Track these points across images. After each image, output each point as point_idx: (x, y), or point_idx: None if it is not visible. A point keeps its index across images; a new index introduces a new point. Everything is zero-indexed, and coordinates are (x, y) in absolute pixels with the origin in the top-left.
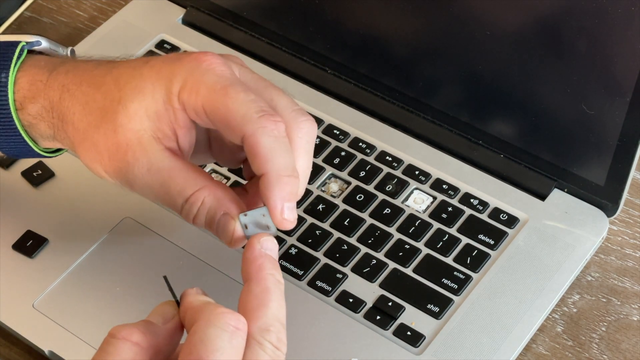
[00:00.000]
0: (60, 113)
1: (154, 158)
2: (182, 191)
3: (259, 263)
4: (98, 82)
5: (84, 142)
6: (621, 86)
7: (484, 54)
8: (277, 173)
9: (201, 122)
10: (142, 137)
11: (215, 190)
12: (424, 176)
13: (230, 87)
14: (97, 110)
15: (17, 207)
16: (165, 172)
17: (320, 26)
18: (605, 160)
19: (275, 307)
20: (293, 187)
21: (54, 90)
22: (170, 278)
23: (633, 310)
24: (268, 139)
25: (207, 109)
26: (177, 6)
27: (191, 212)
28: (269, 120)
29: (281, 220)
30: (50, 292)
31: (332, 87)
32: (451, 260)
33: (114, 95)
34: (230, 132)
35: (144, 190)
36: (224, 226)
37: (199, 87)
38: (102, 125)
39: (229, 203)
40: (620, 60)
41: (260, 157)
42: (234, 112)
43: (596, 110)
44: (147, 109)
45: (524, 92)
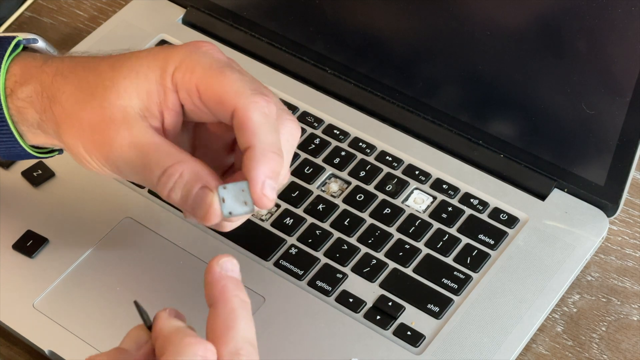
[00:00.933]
0: (51, 94)
1: (137, 132)
2: (161, 163)
3: (221, 285)
4: (93, 67)
5: (68, 120)
6: (621, 86)
7: (484, 54)
8: (263, 148)
9: (191, 104)
10: (128, 113)
11: (194, 164)
12: (424, 176)
13: (226, 68)
14: (87, 89)
15: (17, 207)
16: (146, 145)
17: (320, 26)
18: (605, 160)
19: (243, 329)
20: (277, 165)
21: (47, 74)
22: (171, 278)
23: (633, 310)
24: (259, 114)
25: (200, 87)
26: (177, 6)
27: (167, 185)
28: (261, 97)
29: (260, 195)
30: (50, 292)
31: (332, 87)
32: (451, 260)
33: (107, 75)
34: (221, 109)
35: (121, 166)
36: (200, 199)
37: (194, 67)
38: (90, 102)
39: (208, 176)
40: (620, 60)
41: (248, 130)
42: (228, 87)
43: (596, 110)
44: (138, 87)
45: (524, 92)
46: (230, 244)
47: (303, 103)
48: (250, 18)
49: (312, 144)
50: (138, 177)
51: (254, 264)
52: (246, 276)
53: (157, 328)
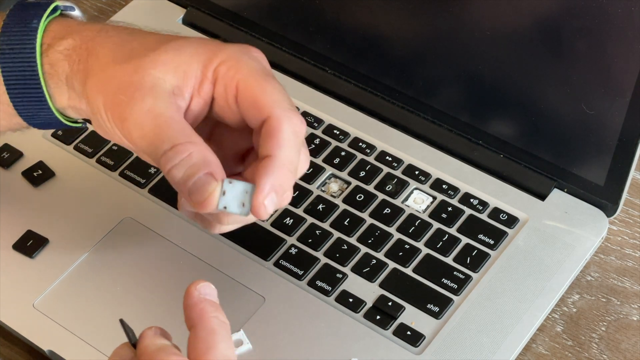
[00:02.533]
0: (90, 46)
1: (160, 103)
2: (173, 138)
3: (200, 308)
4: (140, 35)
5: (99, 73)
6: (621, 86)
7: (484, 54)
8: (282, 162)
9: (223, 100)
10: (158, 84)
11: (206, 151)
12: (424, 176)
13: (271, 77)
14: (127, 51)
15: (17, 207)
16: (165, 117)
17: (320, 26)
18: (605, 160)
19: (223, 348)
20: (287, 182)
21: (91, 30)
22: (171, 278)
23: (633, 310)
24: (290, 129)
25: (241, 86)
26: (177, 6)
27: (172, 160)
28: (297, 115)
29: (260, 203)
30: (50, 292)
31: (332, 87)
32: (451, 260)
33: (152, 44)
34: (254, 112)
35: (133, 129)
36: (202, 184)
37: (241, 66)
38: (126, 63)
39: (216, 166)
40: (620, 60)
41: (275, 140)
42: (269, 94)
43: (596, 110)
44: (179, 65)
45: (524, 92)
46: (230, 244)
47: (303, 103)
48: (250, 18)
49: (312, 144)
50: (145, 145)
51: (254, 264)
52: (246, 276)
53: (142, 346)
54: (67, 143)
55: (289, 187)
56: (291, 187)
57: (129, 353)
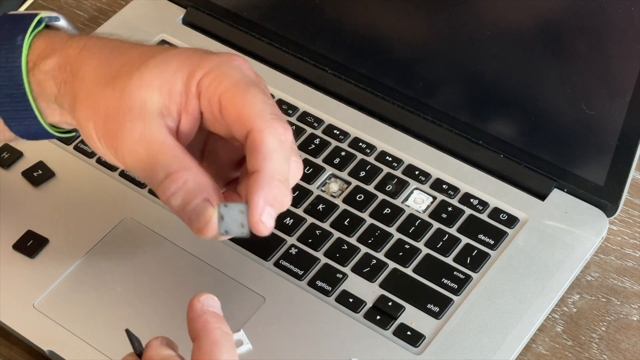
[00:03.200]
0: (75, 67)
1: (150, 128)
2: (167, 166)
3: (203, 319)
4: (123, 50)
5: (86, 98)
6: (621, 86)
7: (484, 54)
8: (271, 174)
9: (209, 114)
10: (146, 107)
11: (200, 176)
12: (424, 176)
13: (254, 87)
14: (112, 71)
15: (17, 207)
16: (157, 144)
17: (320, 26)
18: (605, 160)
19: (226, 357)
20: (281, 194)
21: (73, 48)
22: (171, 278)
23: (633, 310)
24: (273, 140)
25: (223, 99)
26: (177, 6)
27: (169, 190)
28: (280, 124)
29: (257, 221)
30: (50, 292)
31: (332, 87)
32: (451, 260)
33: (135, 62)
34: (238, 126)
35: (127, 157)
36: (200, 211)
37: (222, 79)
38: (111, 86)
39: (212, 190)
40: (620, 60)
41: (259, 154)
42: (250, 107)
43: (596, 110)
44: (163, 83)
45: (524, 92)
46: (230, 244)
47: (303, 103)
48: (250, 18)
49: (312, 144)
50: (141, 173)
51: (254, 264)
52: (246, 276)
53: (146, 356)
54: (67, 143)
55: (282, 198)
56: (285, 196)
57: None
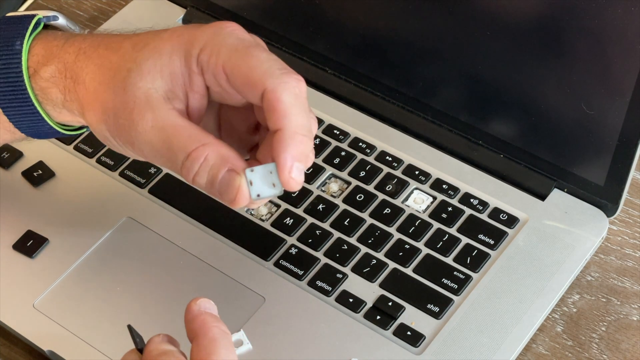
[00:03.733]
0: (74, 74)
1: (160, 115)
2: (185, 147)
3: (201, 319)
4: (116, 46)
5: (93, 103)
6: (621, 86)
7: (484, 54)
8: (293, 130)
9: (217, 87)
10: (151, 95)
11: (219, 147)
12: (424, 176)
13: (253, 48)
14: (110, 70)
15: (17, 207)
16: (169, 128)
17: (320, 26)
18: (605, 160)
19: (224, 354)
20: (306, 148)
21: (70, 53)
22: (171, 278)
23: (633, 310)
24: (289, 95)
25: (227, 69)
26: (177, 6)
27: (192, 169)
28: (291, 77)
29: (288, 178)
30: (50, 292)
31: (332, 87)
32: (451, 260)
33: (130, 56)
34: (249, 90)
35: (145, 148)
36: (228, 182)
37: (219, 49)
38: (113, 84)
39: (235, 159)
40: (620, 60)
41: (278, 112)
42: (256, 68)
43: (596, 110)
44: (162, 68)
45: (524, 92)
46: (230, 244)
47: None
48: (250, 18)
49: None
50: (162, 160)
51: (254, 264)
52: (246, 276)
53: (147, 351)
54: (67, 143)
55: (308, 152)
56: (311, 147)
57: (136, 359)
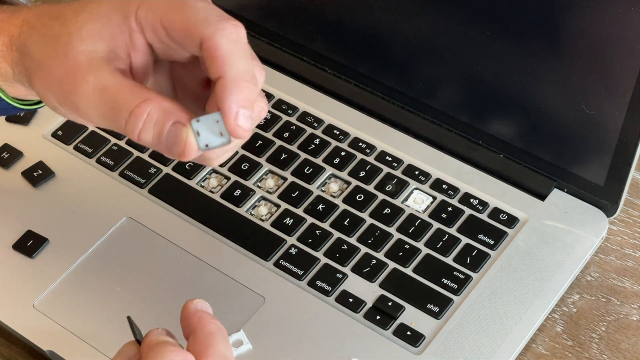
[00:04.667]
0: (20, 45)
1: (102, 76)
2: (127, 105)
3: (198, 316)
4: (57, 14)
5: (38, 71)
6: (621, 86)
7: (484, 54)
8: (235, 77)
9: (159, 42)
10: (92, 58)
11: (161, 102)
12: (424, 176)
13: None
14: (52, 38)
15: (17, 207)
16: (111, 89)
17: (320, 26)
18: (605, 160)
19: (222, 346)
20: (250, 94)
21: (14, 25)
22: (171, 278)
23: (633, 310)
24: (227, 42)
25: (165, 23)
26: None
27: (137, 126)
28: (228, 23)
29: (234, 125)
30: (50, 292)
31: (332, 87)
32: (451, 260)
33: (71, 21)
34: (188, 41)
35: (90, 112)
36: (175, 135)
37: (155, 4)
38: (55, 51)
39: (179, 112)
40: (620, 60)
41: (218, 60)
42: (192, 17)
43: (596, 110)
44: (102, 30)
45: (524, 92)
46: (230, 244)
47: (303, 103)
48: (250, 18)
49: (312, 144)
50: (108, 122)
51: (254, 264)
52: (246, 276)
53: (146, 341)
54: (67, 143)
55: (254, 95)
56: (256, 93)
57: (134, 349)
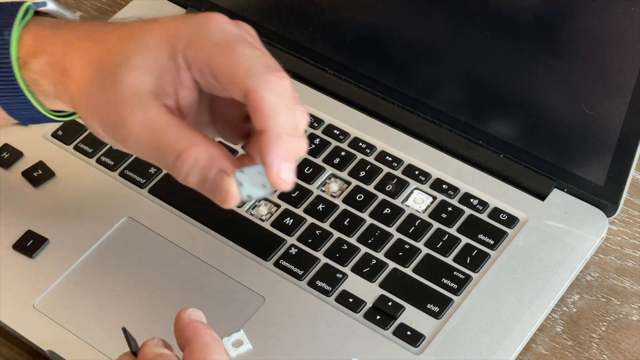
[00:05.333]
0: (63, 68)
1: (150, 113)
2: (174, 146)
3: (193, 326)
4: (103, 39)
5: (83, 98)
6: (621, 86)
7: (484, 54)
8: (278, 130)
9: (204, 81)
10: (140, 92)
11: (209, 147)
12: (424, 176)
13: (237, 44)
14: (98, 64)
15: (17, 207)
16: (159, 127)
17: (320, 26)
18: (605, 160)
19: (218, 358)
20: (293, 147)
21: (58, 45)
22: (171, 278)
23: (633, 310)
24: (272, 95)
25: (211, 65)
26: (177, 6)
27: (182, 170)
28: (274, 76)
29: (277, 179)
30: (50, 292)
31: (332, 87)
32: (451, 260)
33: (118, 49)
34: (233, 89)
35: (136, 146)
36: (218, 183)
37: (204, 44)
38: (102, 80)
39: (224, 160)
40: (620, 60)
41: (262, 113)
42: (239, 66)
43: (596, 110)
44: (150, 64)
45: (524, 92)
46: (230, 244)
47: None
48: (250, 18)
49: (312, 144)
50: (153, 158)
51: (254, 264)
52: (246, 276)
53: (142, 353)
54: (67, 143)
55: (296, 150)
56: (300, 146)
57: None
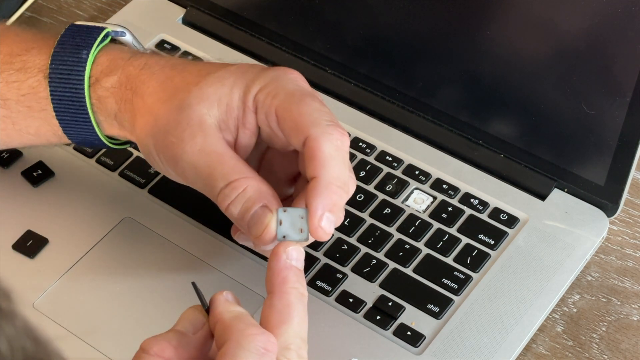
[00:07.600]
0: (135, 86)
1: (210, 140)
2: (227, 175)
3: (283, 275)
4: (181, 68)
5: (146, 115)
6: (621, 86)
7: (484, 54)
8: (329, 180)
9: (267, 128)
10: (205, 120)
11: (259, 183)
12: (424, 176)
13: (309, 97)
14: (171, 88)
15: (17, 207)
16: (217, 155)
17: (320, 26)
18: (605, 160)
19: (296, 323)
20: (339, 200)
21: (135, 66)
22: (171, 278)
23: (633, 310)
24: (330, 146)
25: (279, 112)
26: (177, 6)
27: (229, 197)
28: (336, 130)
29: (317, 226)
30: (50, 292)
31: (332, 87)
32: (451, 260)
33: (193, 79)
34: (295, 135)
35: (187, 168)
36: (259, 218)
37: (278, 91)
38: (170, 101)
39: (271, 197)
40: (620, 60)
41: (316, 160)
42: (306, 115)
43: (596, 110)
44: (221, 98)
45: (524, 92)
46: (231, 244)
47: None
48: (250, 18)
49: None
50: (201, 184)
51: (254, 264)
52: (246, 276)
53: (216, 312)
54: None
55: (342, 204)
56: (344, 200)
57: (201, 317)
